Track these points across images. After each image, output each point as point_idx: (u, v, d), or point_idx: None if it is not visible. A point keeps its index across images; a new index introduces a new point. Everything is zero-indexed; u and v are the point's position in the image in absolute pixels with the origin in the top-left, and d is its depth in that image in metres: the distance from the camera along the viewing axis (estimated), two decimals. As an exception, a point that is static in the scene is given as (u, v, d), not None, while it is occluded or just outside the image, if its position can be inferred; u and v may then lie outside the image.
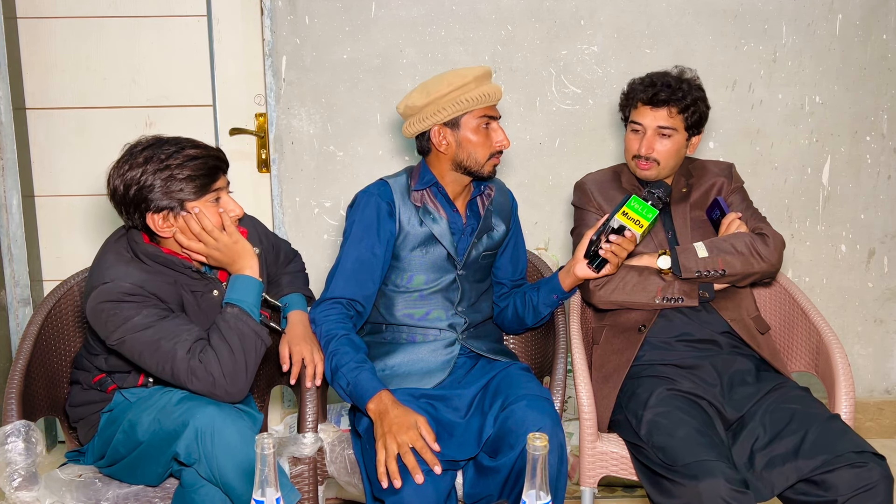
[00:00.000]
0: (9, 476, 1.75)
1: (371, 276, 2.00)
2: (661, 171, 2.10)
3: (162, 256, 1.80)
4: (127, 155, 1.77)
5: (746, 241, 2.04)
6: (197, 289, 1.85)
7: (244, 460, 1.65)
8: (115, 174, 1.77)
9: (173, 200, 1.75)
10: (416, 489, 1.69)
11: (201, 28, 2.73)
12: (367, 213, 2.01)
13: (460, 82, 1.95)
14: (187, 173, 1.74)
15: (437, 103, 1.97)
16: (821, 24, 2.78)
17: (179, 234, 1.79)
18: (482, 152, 1.99)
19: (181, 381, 1.72)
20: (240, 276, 1.82)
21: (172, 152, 1.75)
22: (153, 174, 1.73)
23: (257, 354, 1.78)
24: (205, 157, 1.78)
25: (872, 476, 1.66)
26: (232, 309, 1.77)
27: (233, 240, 1.81)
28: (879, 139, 2.89)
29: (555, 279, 2.10)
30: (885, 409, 3.05)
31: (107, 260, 1.81)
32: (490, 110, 2.00)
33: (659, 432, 1.79)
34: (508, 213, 2.17)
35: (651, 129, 2.08)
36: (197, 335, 1.74)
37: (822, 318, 2.07)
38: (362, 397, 1.83)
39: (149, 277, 1.77)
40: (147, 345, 1.71)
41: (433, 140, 2.01)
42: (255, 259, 1.85)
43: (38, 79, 2.74)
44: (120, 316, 1.71)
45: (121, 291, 1.72)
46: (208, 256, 1.82)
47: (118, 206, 1.79)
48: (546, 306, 2.12)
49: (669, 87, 2.07)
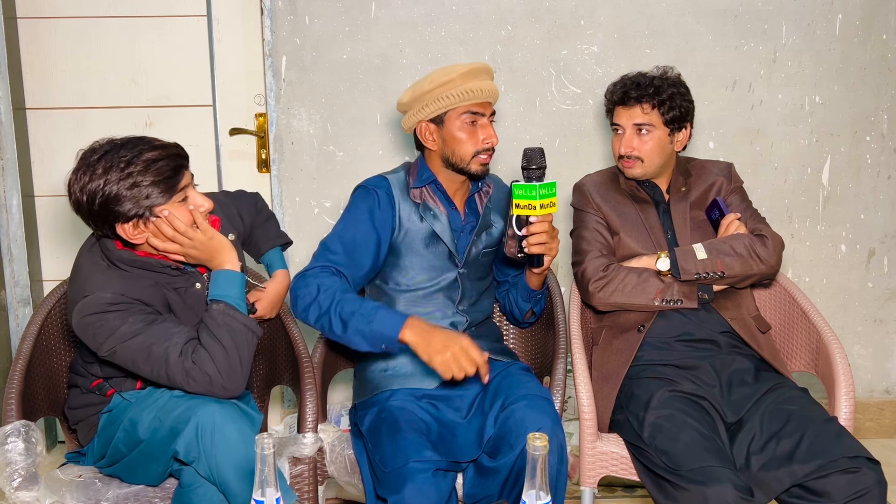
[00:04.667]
0: (9, 476, 1.75)
1: (362, 258, 1.95)
2: (648, 168, 2.11)
3: (139, 260, 1.77)
4: (83, 164, 1.70)
5: (745, 243, 2.04)
6: (179, 285, 1.82)
7: (243, 460, 1.64)
8: (76, 186, 1.69)
9: (141, 208, 1.69)
10: (418, 489, 1.69)
11: (201, 28, 2.73)
12: (366, 200, 1.99)
13: (444, 79, 1.94)
14: (151, 178, 1.68)
15: (420, 100, 1.97)
16: (821, 24, 2.78)
17: (153, 238, 1.75)
18: (466, 149, 1.97)
19: (178, 384, 1.70)
20: (221, 271, 1.80)
21: (131, 157, 1.68)
22: (116, 184, 1.66)
23: (250, 347, 1.75)
24: (165, 157, 1.71)
25: (866, 482, 1.66)
26: (218, 305, 1.75)
27: (208, 236, 1.78)
28: (879, 139, 2.88)
29: (523, 278, 2.10)
30: (885, 409, 3.05)
31: (83, 271, 1.77)
32: (477, 107, 1.96)
33: (662, 435, 1.78)
34: (507, 209, 2.17)
35: (628, 127, 2.10)
36: (187, 336, 1.72)
37: (822, 318, 2.07)
38: (393, 329, 1.76)
39: (129, 283, 1.73)
40: (139, 352, 1.69)
41: (419, 137, 2.01)
42: (234, 251, 1.82)
43: (38, 79, 2.74)
44: (107, 327, 1.68)
45: (103, 302, 1.69)
46: (185, 255, 1.79)
47: (85, 218, 1.73)
48: (525, 302, 2.14)
49: (638, 86, 2.09)
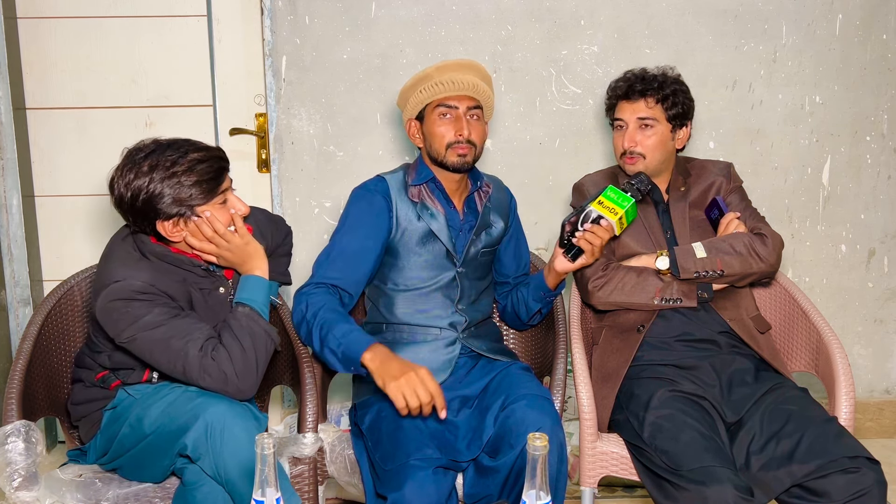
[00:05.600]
0: (9, 476, 1.75)
1: (359, 265, 1.99)
2: (648, 164, 2.10)
3: (171, 256, 1.81)
4: (129, 162, 1.75)
5: (745, 242, 2.04)
6: (204, 286, 1.86)
7: (249, 459, 1.65)
8: (120, 182, 1.74)
9: (183, 207, 1.74)
10: (418, 488, 1.69)
11: (201, 28, 2.73)
12: (361, 206, 2.02)
13: (422, 75, 1.97)
14: (194, 179, 1.73)
15: (404, 98, 2.01)
16: (821, 24, 2.78)
17: (190, 237, 1.79)
18: (440, 142, 1.98)
19: (193, 379, 1.73)
20: (250, 276, 1.85)
21: (177, 158, 1.73)
22: (160, 182, 1.72)
23: (267, 353, 1.80)
24: (209, 159, 1.76)
25: (866, 482, 1.66)
26: (243, 308, 1.80)
27: (244, 241, 1.83)
28: (879, 139, 2.88)
29: (540, 277, 2.10)
30: (885, 409, 3.05)
31: (115, 258, 1.81)
32: (453, 99, 1.97)
33: (662, 435, 1.78)
34: (507, 209, 2.17)
35: (632, 122, 2.10)
36: (208, 334, 1.75)
37: (822, 318, 2.07)
38: (357, 351, 1.80)
39: (159, 276, 1.77)
40: (158, 343, 1.72)
41: (408, 135, 2.04)
42: (265, 259, 1.87)
43: (38, 79, 2.74)
44: (131, 314, 1.72)
45: (132, 290, 1.73)
46: (219, 257, 1.83)
47: (125, 214, 1.78)
48: (535, 302, 2.13)
49: (643, 80, 2.10)
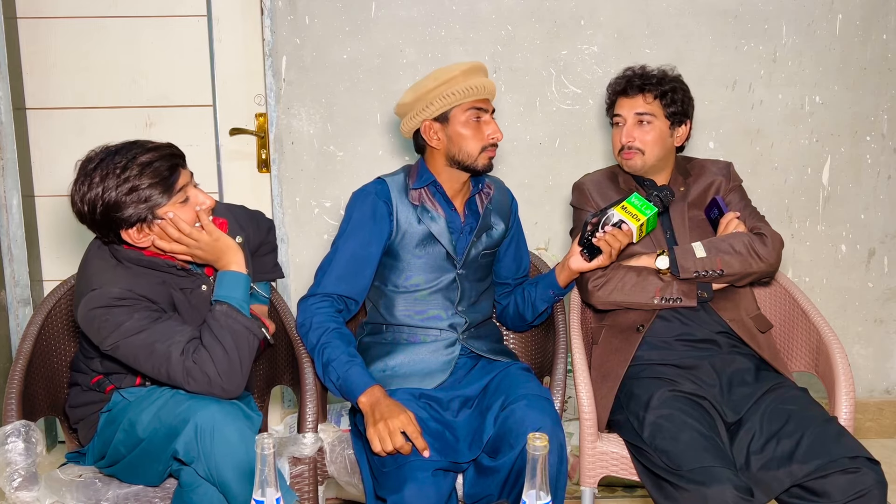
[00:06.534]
0: (9, 476, 1.75)
1: (363, 272, 2.00)
2: (647, 160, 2.10)
3: (146, 260, 1.79)
4: (82, 174, 1.72)
5: (745, 241, 2.04)
6: (185, 286, 1.83)
7: (243, 460, 1.64)
8: (76, 196, 1.72)
9: (143, 211, 1.71)
10: (418, 489, 1.69)
11: (201, 28, 2.73)
12: (363, 211, 2.01)
13: (446, 77, 1.95)
14: (148, 181, 1.69)
15: (424, 99, 1.97)
16: (821, 24, 2.78)
17: (158, 240, 1.76)
18: (474, 145, 1.98)
19: (178, 383, 1.71)
20: (226, 272, 1.81)
21: (126, 163, 1.69)
22: (114, 190, 1.68)
23: (251, 349, 1.77)
24: (160, 158, 1.72)
25: (866, 482, 1.65)
26: (221, 306, 1.76)
27: (213, 237, 1.79)
28: (879, 139, 2.88)
29: (551, 275, 2.10)
30: (885, 409, 3.05)
31: (92, 267, 1.79)
32: (480, 103, 1.98)
33: (662, 435, 1.78)
34: (508, 211, 2.16)
35: (630, 117, 2.10)
36: (190, 335, 1.73)
37: (822, 318, 2.07)
38: (353, 391, 1.85)
39: (137, 280, 1.75)
40: (141, 348, 1.70)
41: (424, 136, 2.01)
42: (240, 252, 1.83)
43: (38, 79, 2.74)
44: (112, 321, 1.70)
45: (111, 297, 1.71)
46: (192, 256, 1.80)
47: (90, 227, 1.76)
48: (543, 301, 2.13)
49: (642, 76, 2.10)
